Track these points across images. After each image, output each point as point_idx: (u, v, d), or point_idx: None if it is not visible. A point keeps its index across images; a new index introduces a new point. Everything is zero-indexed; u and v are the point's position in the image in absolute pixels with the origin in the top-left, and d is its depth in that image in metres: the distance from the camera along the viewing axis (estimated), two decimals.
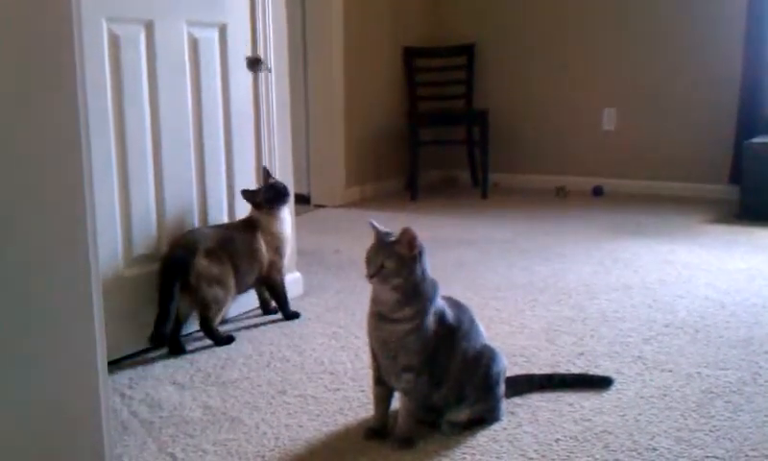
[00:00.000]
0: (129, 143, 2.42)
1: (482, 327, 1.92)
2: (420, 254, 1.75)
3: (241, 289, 2.62)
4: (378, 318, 1.78)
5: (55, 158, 1.27)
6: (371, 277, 1.73)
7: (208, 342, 2.52)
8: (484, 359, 1.85)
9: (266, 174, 2.76)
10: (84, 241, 1.31)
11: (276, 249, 2.69)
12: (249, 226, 2.65)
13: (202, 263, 2.44)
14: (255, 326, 2.72)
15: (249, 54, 2.78)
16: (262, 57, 2.82)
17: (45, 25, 1.23)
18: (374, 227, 1.79)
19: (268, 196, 2.67)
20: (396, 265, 1.71)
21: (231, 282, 2.52)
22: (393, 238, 1.75)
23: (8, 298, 1.23)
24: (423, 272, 1.76)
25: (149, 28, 2.45)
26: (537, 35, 5.55)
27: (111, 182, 2.38)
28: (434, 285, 1.80)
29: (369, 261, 1.74)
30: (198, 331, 2.55)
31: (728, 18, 4.89)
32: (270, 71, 2.83)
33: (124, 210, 2.43)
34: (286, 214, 2.74)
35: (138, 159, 2.45)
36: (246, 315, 2.82)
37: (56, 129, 1.27)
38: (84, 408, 1.35)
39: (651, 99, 5.23)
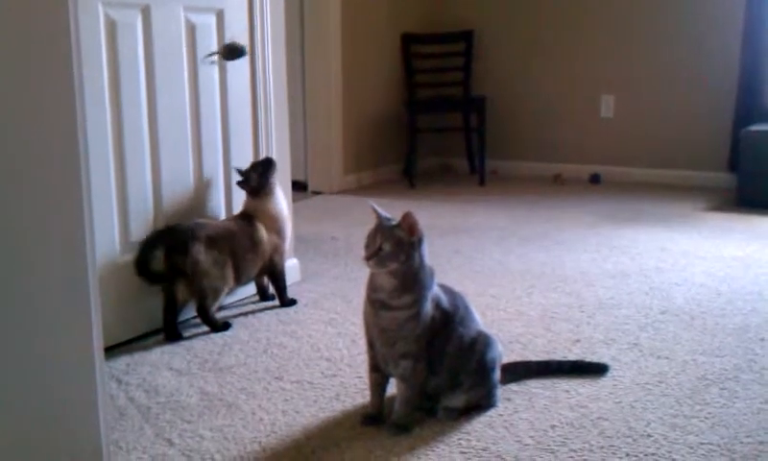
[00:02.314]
0: (125, 129, 2.41)
1: (477, 314, 1.92)
2: (420, 240, 1.75)
3: (242, 281, 2.62)
4: (377, 306, 1.77)
5: (51, 145, 1.26)
6: (367, 259, 1.73)
7: (205, 328, 2.52)
8: (479, 345, 1.86)
9: (239, 172, 2.68)
10: (80, 227, 1.31)
11: (278, 231, 2.69)
12: (246, 218, 2.64)
13: (200, 251, 2.43)
14: (252, 312, 2.72)
15: None
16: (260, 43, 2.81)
17: (41, 9, 1.23)
18: (375, 209, 1.78)
19: (254, 181, 2.64)
20: (394, 248, 1.70)
21: (229, 271, 2.52)
22: (393, 222, 1.75)
23: (2, 283, 1.22)
24: (422, 259, 1.75)
25: (145, 13, 2.44)
26: (535, 21, 5.52)
27: (108, 168, 2.38)
28: (431, 273, 1.80)
29: (368, 244, 1.74)
30: (195, 318, 2.55)
31: (727, 6, 4.88)
32: None
33: (120, 196, 2.43)
34: (279, 194, 2.73)
35: (135, 145, 2.45)
36: (242, 302, 2.82)
37: (52, 115, 1.26)
38: (81, 394, 1.35)
39: (649, 87, 5.21)
